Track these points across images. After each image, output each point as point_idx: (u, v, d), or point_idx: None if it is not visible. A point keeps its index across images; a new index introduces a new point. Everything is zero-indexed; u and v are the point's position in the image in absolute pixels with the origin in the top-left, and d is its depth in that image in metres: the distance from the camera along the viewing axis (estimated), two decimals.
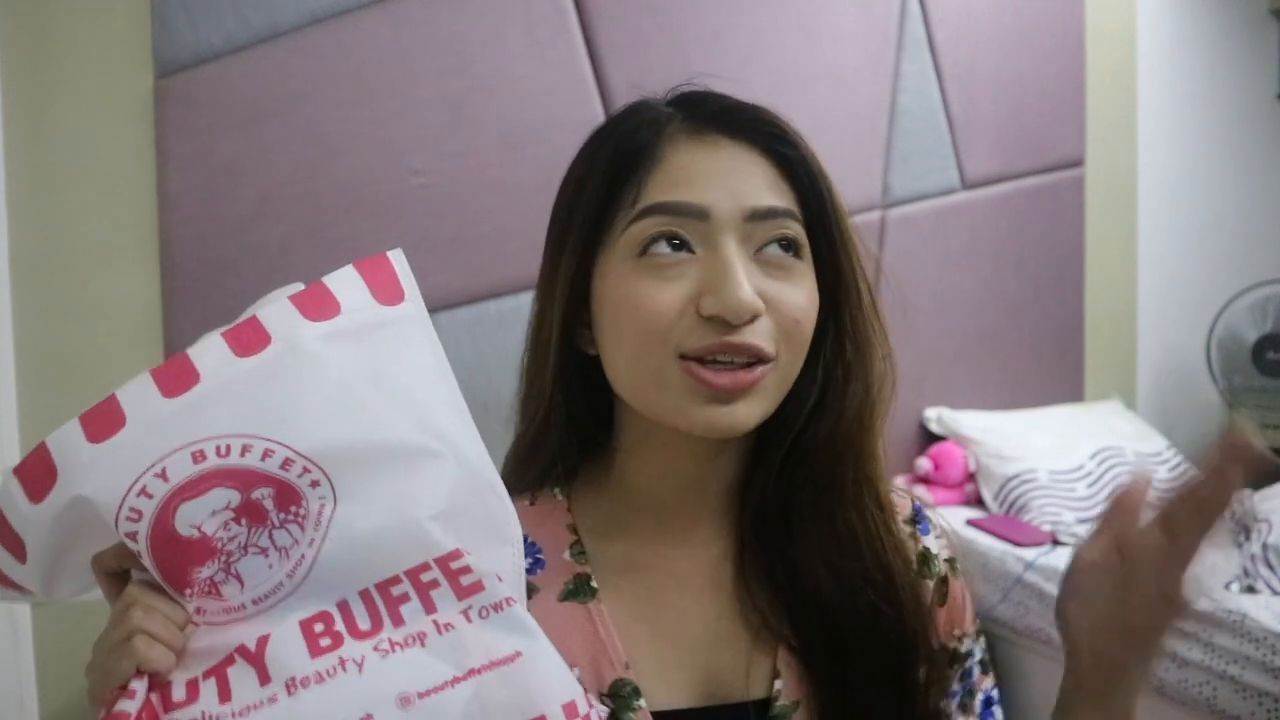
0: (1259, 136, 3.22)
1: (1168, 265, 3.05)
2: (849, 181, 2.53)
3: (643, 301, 0.54)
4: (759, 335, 0.54)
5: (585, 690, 0.57)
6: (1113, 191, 2.93)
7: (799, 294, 0.56)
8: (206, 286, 1.82)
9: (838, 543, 0.59)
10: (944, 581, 0.65)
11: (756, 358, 0.54)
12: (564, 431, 0.64)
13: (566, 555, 0.62)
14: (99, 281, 1.75)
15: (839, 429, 0.59)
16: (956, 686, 0.64)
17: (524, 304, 2.10)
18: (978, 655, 0.66)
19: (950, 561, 0.67)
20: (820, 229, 0.57)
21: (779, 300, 0.55)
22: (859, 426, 0.60)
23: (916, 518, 0.67)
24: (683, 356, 0.54)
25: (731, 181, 0.55)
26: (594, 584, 0.61)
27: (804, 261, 0.57)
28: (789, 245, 0.56)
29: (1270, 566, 1.81)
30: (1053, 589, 1.99)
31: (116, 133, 1.75)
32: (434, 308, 2.01)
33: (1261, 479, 2.78)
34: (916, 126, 2.59)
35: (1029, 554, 2.08)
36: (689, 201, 0.54)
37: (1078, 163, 2.86)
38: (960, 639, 0.65)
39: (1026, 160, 2.77)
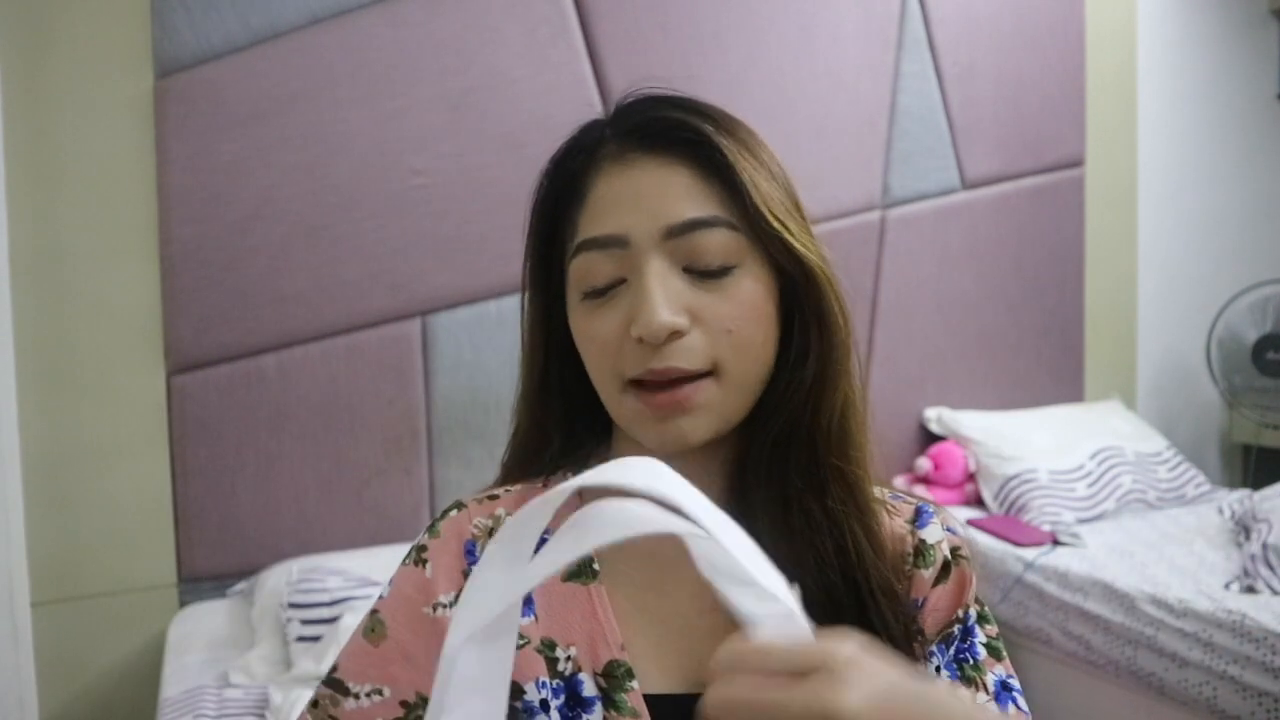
0: (1259, 136, 3.22)
1: (1168, 265, 3.05)
2: (849, 181, 2.53)
3: (589, 336, 0.58)
4: (682, 355, 0.55)
5: (580, 669, 0.59)
6: (1113, 191, 2.93)
7: (728, 304, 0.56)
8: (206, 286, 1.82)
9: (790, 528, 0.60)
10: (945, 567, 0.65)
11: (684, 377, 0.57)
12: (562, 430, 0.66)
13: None
14: (99, 281, 1.75)
15: (790, 411, 0.60)
16: (934, 648, 0.63)
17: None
18: (981, 636, 0.65)
19: (955, 550, 0.66)
20: (752, 227, 0.57)
21: (707, 313, 0.56)
22: (813, 408, 0.60)
23: (917, 516, 0.67)
24: (629, 382, 0.57)
25: (649, 202, 0.56)
26: (596, 566, 0.62)
27: (740, 265, 0.57)
28: (715, 255, 0.57)
29: (1270, 566, 1.81)
30: (1053, 589, 1.99)
31: (116, 133, 1.75)
32: (434, 308, 2.01)
33: (1262, 478, 2.78)
34: (916, 126, 2.59)
35: (1029, 554, 2.08)
36: (609, 234, 0.56)
37: (1078, 163, 2.86)
38: (957, 610, 0.65)
39: (1026, 160, 2.77)
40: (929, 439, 2.61)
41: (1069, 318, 2.87)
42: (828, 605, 0.58)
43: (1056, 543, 2.14)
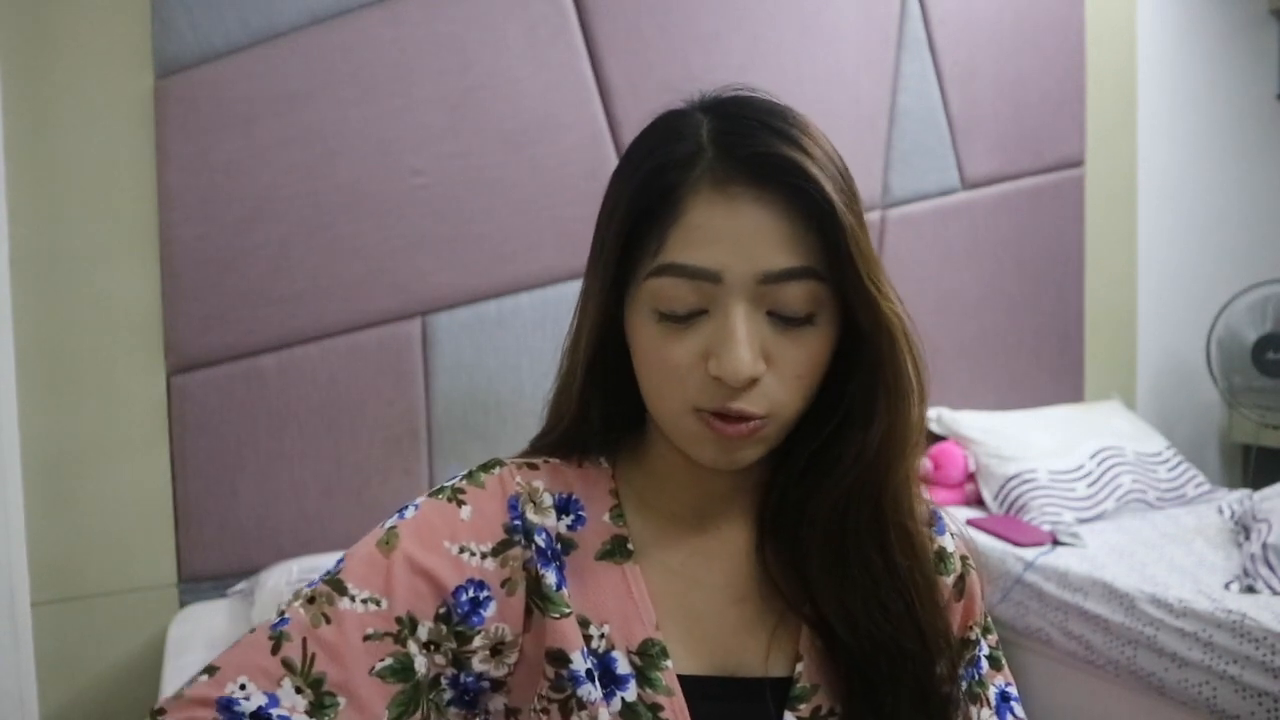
0: (1259, 136, 3.22)
1: (1168, 265, 3.05)
2: None
3: (659, 357, 0.58)
4: (754, 400, 0.57)
5: (613, 646, 0.60)
6: (1113, 191, 2.93)
7: (802, 352, 0.57)
8: (206, 286, 1.82)
9: (849, 580, 0.61)
10: (961, 578, 0.68)
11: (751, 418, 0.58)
12: (602, 416, 0.66)
13: (606, 517, 0.65)
14: (99, 281, 1.75)
15: (857, 466, 0.60)
16: (962, 671, 0.66)
17: (524, 304, 2.12)
18: (985, 649, 0.68)
19: (965, 559, 0.69)
20: (840, 281, 0.56)
21: (782, 358, 0.57)
22: (881, 474, 0.60)
23: (933, 520, 0.69)
24: (695, 409, 0.58)
25: (747, 244, 0.55)
26: (630, 546, 0.64)
27: (819, 314, 0.57)
28: (801, 305, 0.56)
29: (1270, 566, 1.81)
30: (1053, 589, 1.99)
31: (116, 133, 1.75)
32: (434, 308, 2.01)
33: (1262, 478, 2.78)
34: (916, 126, 2.59)
35: (1029, 554, 2.08)
36: (703, 267, 0.55)
37: (1078, 163, 2.86)
38: (971, 628, 0.68)
39: (1026, 160, 2.77)
40: (929, 439, 2.61)
41: (1069, 318, 2.87)
42: (895, 654, 0.60)
43: (1056, 543, 2.14)
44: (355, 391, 1.95)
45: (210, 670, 0.53)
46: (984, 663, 0.67)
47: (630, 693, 0.59)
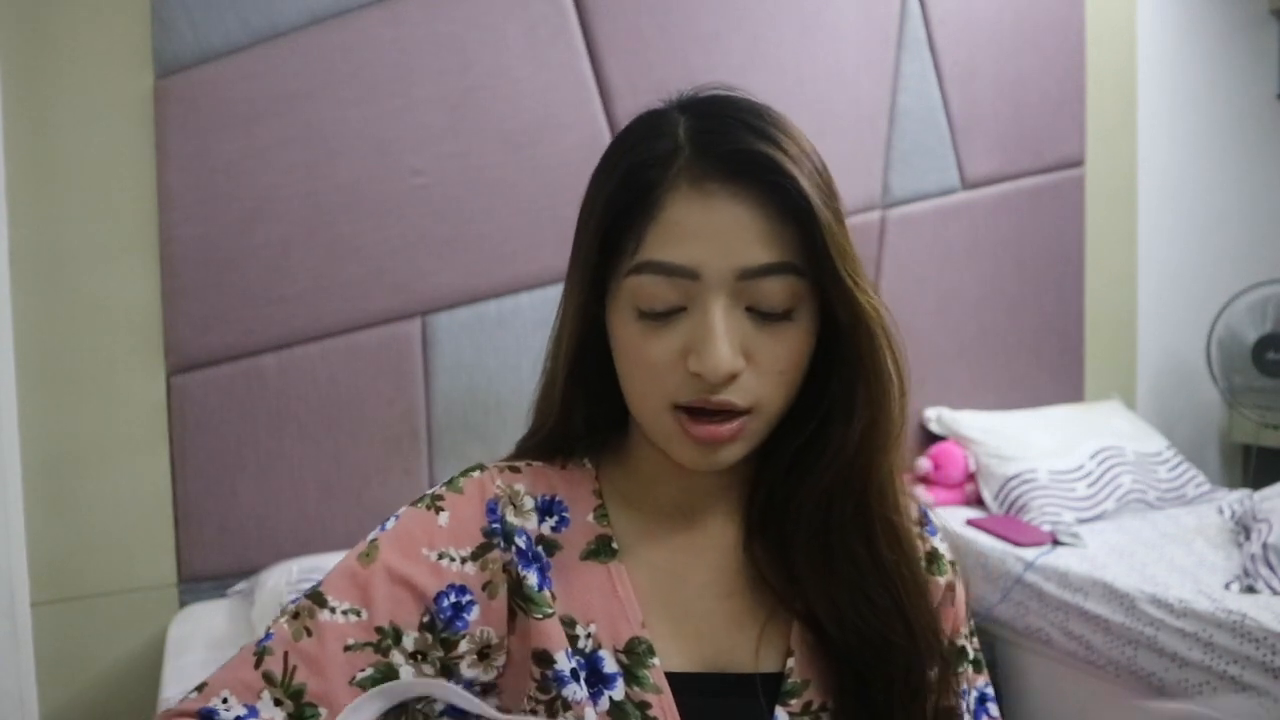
0: (1259, 136, 3.22)
1: (1168, 265, 3.05)
2: (849, 181, 2.53)
3: (639, 354, 0.58)
4: (737, 393, 0.57)
5: (600, 645, 0.60)
6: (1113, 191, 2.93)
7: (782, 347, 0.57)
8: (206, 286, 1.82)
9: (835, 574, 0.61)
10: (950, 584, 0.68)
11: (733, 411, 0.57)
12: (584, 417, 0.67)
13: (590, 517, 0.65)
14: (99, 281, 1.76)
15: (839, 461, 0.60)
16: (964, 687, 0.66)
17: (524, 304, 2.12)
18: (969, 654, 0.68)
19: (953, 564, 0.69)
20: (818, 275, 0.57)
21: (761, 354, 0.57)
22: (864, 466, 0.60)
23: (924, 520, 0.69)
24: (675, 406, 0.58)
25: (725, 241, 0.55)
26: (615, 545, 0.64)
27: (798, 309, 0.58)
28: (780, 300, 0.56)
29: (1270, 566, 1.81)
30: (1053, 589, 1.99)
31: (116, 133, 1.75)
32: (434, 308, 2.01)
33: (1262, 478, 2.78)
34: (916, 126, 2.59)
35: (1029, 554, 2.08)
36: (680, 264, 0.56)
37: (1078, 163, 2.86)
38: (961, 635, 0.68)
39: (1026, 160, 2.77)
40: (929, 439, 2.61)
41: (1069, 318, 2.87)
42: (882, 647, 0.60)
43: (1056, 543, 2.14)
44: (355, 391, 1.95)
45: (199, 687, 0.55)
46: (967, 668, 0.68)
47: (618, 691, 0.59)
